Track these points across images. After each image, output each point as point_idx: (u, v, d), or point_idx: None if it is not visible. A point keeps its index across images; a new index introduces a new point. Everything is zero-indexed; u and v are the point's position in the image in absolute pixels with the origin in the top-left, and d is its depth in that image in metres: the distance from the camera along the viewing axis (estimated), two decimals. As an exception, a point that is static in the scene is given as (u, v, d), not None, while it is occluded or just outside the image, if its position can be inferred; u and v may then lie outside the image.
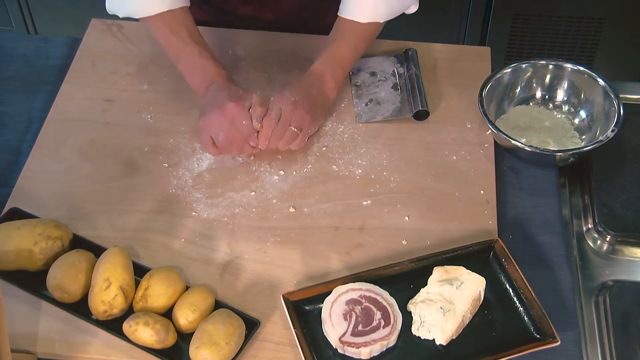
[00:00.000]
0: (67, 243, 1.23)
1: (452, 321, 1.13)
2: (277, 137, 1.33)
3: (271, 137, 1.33)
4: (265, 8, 1.60)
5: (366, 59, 1.55)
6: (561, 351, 1.14)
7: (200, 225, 1.29)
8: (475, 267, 1.19)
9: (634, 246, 1.29)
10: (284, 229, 1.29)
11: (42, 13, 2.64)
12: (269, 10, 1.60)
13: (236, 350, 1.11)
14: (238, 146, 1.33)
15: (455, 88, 1.51)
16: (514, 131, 1.41)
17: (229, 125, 1.32)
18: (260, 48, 1.58)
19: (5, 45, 1.62)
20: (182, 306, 1.14)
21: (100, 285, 1.14)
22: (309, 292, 1.18)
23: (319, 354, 1.13)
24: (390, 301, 1.15)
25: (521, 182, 1.37)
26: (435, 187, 1.35)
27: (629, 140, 1.42)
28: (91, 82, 1.52)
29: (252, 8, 1.60)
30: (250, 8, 1.60)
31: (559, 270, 1.25)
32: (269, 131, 1.33)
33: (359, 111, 1.47)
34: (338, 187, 1.35)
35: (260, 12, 1.61)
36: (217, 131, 1.33)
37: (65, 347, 1.15)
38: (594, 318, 1.20)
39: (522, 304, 1.18)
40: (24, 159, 1.39)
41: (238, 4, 1.60)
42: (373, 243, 1.27)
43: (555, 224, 1.31)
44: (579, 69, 1.43)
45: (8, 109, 1.50)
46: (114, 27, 1.62)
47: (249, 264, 1.25)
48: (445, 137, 1.43)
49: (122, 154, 1.40)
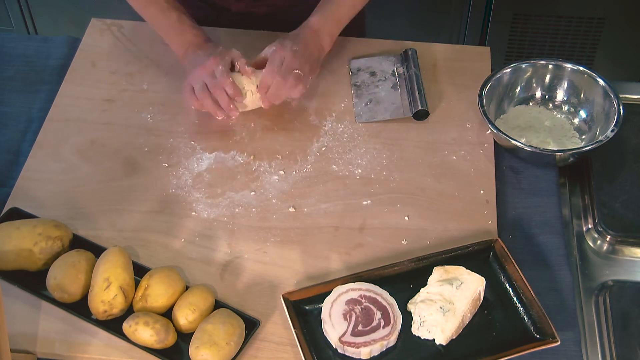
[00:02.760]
0: (67, 243, 1.23)
1: (452, 321, 1.13)
2: (279, 85, 1.36)
3: (273, 84, 1.36)
4: (259, 2, 1.60)
5: (366, 59, 1.56)
6: (561, 351, 1.14)
7: (200, 225, 1.29)
8: (475, 267, 1.19)
9: (634, 246, 1.29)
10: (284, 229, 1.29)
11: (42, 13, 2.64)
12: (262, 5, 1.61)
13: (236, 350, 1.11)
14: (219, 96, 1.36)
15: (455, 88, 1.51)
16: (514, 131, 1.41)
17: (210, 77, 1.36)
18: (259, 48, 1.57)
19: (5, 45, 1.62)
20: (182, 306, 1.14)
21: (100, 285, 1.14)
22: (309, 292, 1.18)
23: (319, 354, 1.13)
24: (390, 301, 1.15)
25: (521, 182, 1.37)
26: (435, 187, 1.35)
27: (629, 140, 1.42)
28: (91, 82, 1.52)
29: (246, 3, 1.60)
30: (243, 4, 1.60)
31: (559, 270, 1.25)
32: (270, 78, 1.36)
33: (358, 111, 1.47)
34: (338, 187, 1.35)
35: (253, 7, 1.61)
36: (197, 82, 1.37)
37: (65, 347, 1.15)
38: (594, 318, 1.20)
39: (522, 304, 1.18)
40: (23, 159, 1.39)
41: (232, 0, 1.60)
42: (373, 243, 1.27)
43: (555, 224, 1.31)
44: (579, 69, 1.43)
45: (8, 109, 1.50)
46: (113, 27, 1.62)
47: (249, 264, 1.25)
48: (445, 137, 1.43)
49: (122, 154, 1.40)
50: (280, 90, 1.37)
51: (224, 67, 1.36)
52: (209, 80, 1.36)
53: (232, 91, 1.36)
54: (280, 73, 1.36)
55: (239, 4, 1.60)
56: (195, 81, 1.37)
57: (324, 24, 1.45)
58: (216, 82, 1.36)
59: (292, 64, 1.37)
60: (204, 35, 1.45)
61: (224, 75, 1.36)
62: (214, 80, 1.36)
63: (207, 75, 1.36)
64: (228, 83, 1.36)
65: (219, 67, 1.36)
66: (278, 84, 1.37)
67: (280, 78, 1.36)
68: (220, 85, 1.36)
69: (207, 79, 1.36)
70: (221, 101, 1.36)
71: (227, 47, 1.42)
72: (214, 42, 1.44)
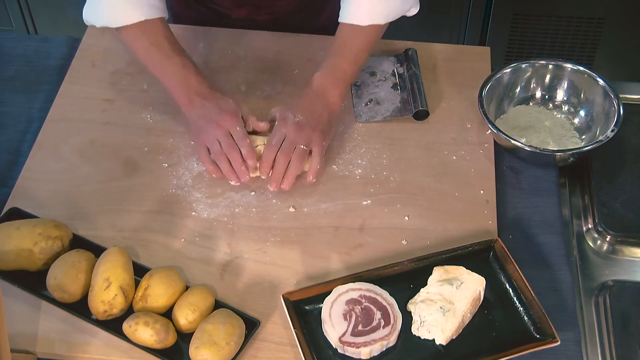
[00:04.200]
0: (67, 243, 1.23)
1: (452, 321, 1.13)
2: (282, 164, 1.29)
3: (275, 164, 1.29)
4: (260, 10, 1.60)
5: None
6: (561, 351, 1.14)
7: (200, 225, 1.29)
8: (475, 267, 1.19)
9: (634, 246, 1.29)
10: (284, 229, 1.29)
11: (42, 13, 2.64)
12: (263, 12, 1.60)
13: (236, 350, 1.11)
14: (235, 160, 1.30)
15: (455, 88, 1.51)
16: (514, 131, 1.41)
17: (226, 137, 1.30)
18: (260, 48, 1.58)
19: (5, 45, 1.62)
20: (182, 306, 1.14)
21: (100, 285, 1.14)
22: (309, 292, 1.18)
23: (319, 354, 1.13)
24: (390, 301, 1.15)
25: (521, 182, 1.37)
26: (435, 187, 1.35)
27: (629, 140, 1.42)
28: (91, 82, 1.52)
29: (246, 10, 1.60)
30: (244, 10, 1.60)
31: (559, 270, 1.25)
32: (270, 158, 1.29)
33: (359, 111, 1.47)
34: (338, 187, 1.35)
35: (254, 15, 1.61)
36: (213, 143, 1.31)
37: (65, 347, 1.15)
38: (594, 318, 1.20)
39: (522, 304, 1.18)
40: (23, 159, 1.39)
41: (232, 7, 1.60)
42: (373, 243, 1.27)
43: (555, 224, 1.31)
44: (579, 69, 1.43)
45: (8, 109, 1.50)
46: (114, 27, 1.62)
47: (249, 264, 1.25)
48: (445, 137, 1.43)
49: (122, 154, 1.40)
50: (283, 169, 1.29)
51: (242, 129, 1.30)
52: (225, 140, 1.29)
53: (247, 153, 1.29)
54: (279, 155, 1.29)
55: (240, 10, 1.60)
56: (210, 142, 1.30)
57: (328, 81, 1.37)
58: (233, 143, 1.29)
59: (296, 139, 1.30)
60: (208, 82, 1.37)
61: (242, 137, 1.30)
62: (231, 141, 1.29)
63: (222, 134, 1.30)
64: (245, 145, 1.29)
65: (237, 128, 1.30)
66: (280, 163, 1.29)
67: (283, 156, 1.29)
68: (237, 148, 1.29)
69: (224, 139, 1.29)
70: (235, 164, 1.30)
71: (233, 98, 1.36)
72: (219, 93, 1.37)
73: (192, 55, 1.43)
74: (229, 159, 1.30)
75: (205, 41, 1.59)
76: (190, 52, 1.51)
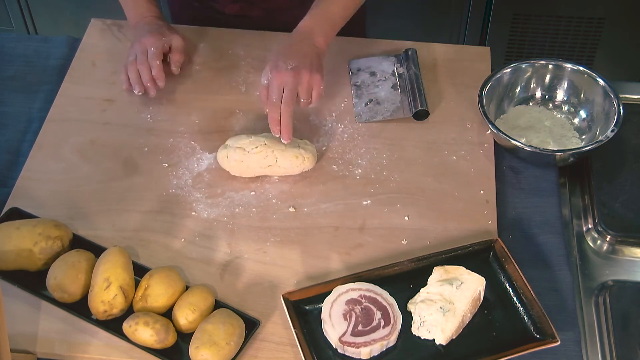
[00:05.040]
0: (67, 243, 1.23)
1: (452, 321, 1.13)
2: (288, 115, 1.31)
3: (283, 116, 1.31)
4: (253, 6, 1.60)
5: (366, 59, 1.56)
6: (561, 351, 1.14)
7: (200, 225, 1.29)
8: (475, 267, 1.19)
9: (634, 246, 1.29)
10: (284, 229, 1.29)
11: (42, 13, 2.64)
12: (256, 7, 1.60)
13: (236, 350, 1.11)
14: (142, 72, 1.42)
15: (455, 88, 1.51)
16: (514, 131, 1.41)
17: (142, 54, 1.44)
18: (260, 48, 1.58)
19: (5, 45, 1.62)
20: (182, 306, 1.14)
21: (100, 285, 1.14)
22: (309, 292, 1.18)
23: (319, 354, 1.13)
24: (390, 301, 1.15)
25: (521, 182, 1.37)
26: (435, 187, 1.35)
27: (629, 140, 1.42)
28: (91, 82, 1.52)
29: (240, 6, 1.60)
30: (237, 6, 1.60)
31: (559, 270, 1.25)
32: (276, 116, 1.31)
33: (358, 111, 1.47)
34: (338, 187, 1.35)
35: (248, 10, 1.61)
36: (131, 56, 1.45)
37: (65, 347, 1.15)
38: (594, 318, 1.20)
39: (522, 304, 1.18)
40: (23, 159, 1.39)
41: (226, 2, 1.60)
42: (373, 243, 1.27)
43: (555, 224, 1.31)
44: (579, 69, 1.43)
45: (8, 109, 1.50)
46: (113, 27, 1.62)
47: (249, 264, 1.25)
48: (445, 137, 1.43)
49: (121, 154, 1.40)
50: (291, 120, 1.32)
51: (156, 50, 1.43)
52: (140, 56, 1.43)
53: (157, 73, 1.42)
54: (285, 102, 1.31)
55: (233, 6, 1.60)
56: (130, 54, 1.46)
57: (315, 24, 1.39)
58: (144, 59, 1.43)
59: (296, 86, 1.32)
60: (158, 12, 1.52)
61: (154, 58, 1.43)
62: (143, 58, 1.43)
63: (140, 51, 1.44)
64: (155, 65, 1.42)
65: (152, 49, 1.43)
66: (287, 115, 1.31)
67: (288, 108, 1.31)
68: (147, 64, 1.42)
69: (140, 55, 1.44)
70: (143, 77, 1.43)
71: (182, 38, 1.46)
72: (164, 22, 1.51)
73: (192, 55, 1.44)
74: (140, 71, 1.43)
75: (205, 41, 1.59)
76: (190, 52, 1.52)
